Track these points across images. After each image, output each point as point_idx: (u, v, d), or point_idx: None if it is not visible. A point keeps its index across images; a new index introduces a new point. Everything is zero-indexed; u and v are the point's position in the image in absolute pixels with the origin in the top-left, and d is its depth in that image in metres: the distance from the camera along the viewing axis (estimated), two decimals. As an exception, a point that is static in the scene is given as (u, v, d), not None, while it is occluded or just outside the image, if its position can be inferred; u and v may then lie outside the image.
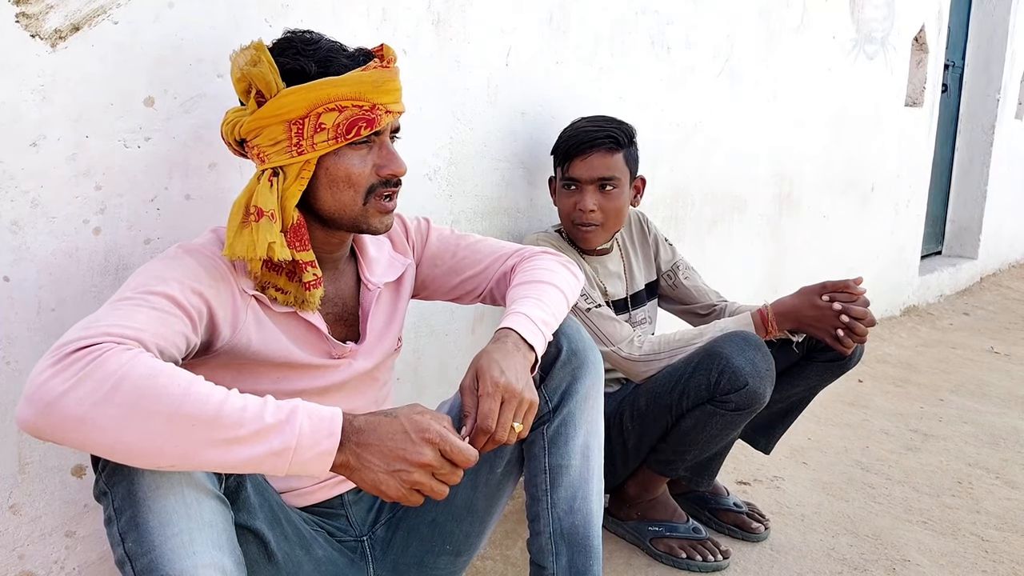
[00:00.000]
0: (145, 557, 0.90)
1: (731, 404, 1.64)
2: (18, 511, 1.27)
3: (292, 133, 1.10)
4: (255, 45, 1.10)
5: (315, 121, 1.09)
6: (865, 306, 1.71)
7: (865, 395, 3.08)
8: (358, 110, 1.10)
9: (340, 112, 1.10)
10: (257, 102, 1.11)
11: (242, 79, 1.11)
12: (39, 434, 0.86)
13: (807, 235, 3.47)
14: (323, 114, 1.09)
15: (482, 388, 1.07)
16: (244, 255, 1.10)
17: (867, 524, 2.03)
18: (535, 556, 1.30)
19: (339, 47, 1.14)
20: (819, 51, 3.29)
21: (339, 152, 1.13)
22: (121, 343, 0.89)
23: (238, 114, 1.15)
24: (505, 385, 1.07)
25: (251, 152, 1.16)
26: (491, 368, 1.08)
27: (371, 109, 1.11)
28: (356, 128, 1.11)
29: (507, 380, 1.08)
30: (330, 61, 1.11)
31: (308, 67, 1.10)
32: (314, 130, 1.10)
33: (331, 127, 1.10)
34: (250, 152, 1.16)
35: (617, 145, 1.82)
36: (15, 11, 1.15)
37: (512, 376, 1.09)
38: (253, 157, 1.16)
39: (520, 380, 1.10)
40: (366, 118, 1.11)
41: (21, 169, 1.19)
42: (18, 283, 1.21)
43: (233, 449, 0.87)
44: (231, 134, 1.16)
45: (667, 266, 2.06)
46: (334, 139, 1.10)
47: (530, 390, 1.11)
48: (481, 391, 1.07)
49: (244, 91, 1.12)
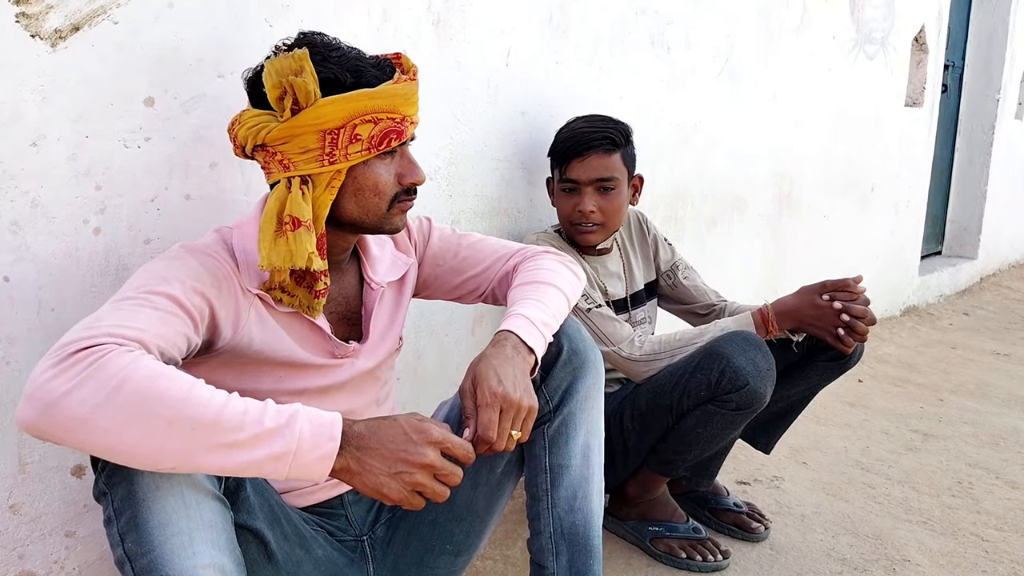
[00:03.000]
0: (145, 557, 0.90)
1: (732, 404, 1.64)
2: (18, 511, 1.27)
3: (325, 143, 1.09)
4: (298, 54, 1.06)
5: (351, 132, 1.09)
6: (865, 305, 1.71)
7: (865, 395, 3.08)
8: (391, 122, 1.12)
9: (375, 124, 1.10)
10: (292, 111, 1.08)
11: (278, 86, 1.07)
12: (39, 434, 0.86)
13: (807, 235, 3.47)
14: (359, 125, 1.09)
15: (480, 398, 1.07)
16: (282, 265, 1.09)
17: (867, 524, 2.03)
18: (535, 556, 1.30)
19: (360, 55, 1.14)
20: (819, 51, 3.29)
21: (368, 162, 1.14)
22: (123, 344, 0.89)
23: (263, 119, 1.10)
24: (503, 394, 1.07)
25: (270, 159, 1.12)
26: (488, 376, 1.08)
27: (401, 121, 1.13)
28: (388, 139, 1.12)
29: (504, 389, 1.07)
30: (360, 72, 1.11)
31: (344, 77, 1.09)
32: (349, 140, 1.10)
33: (366, 138, 1.10)
34: (268, 158, 1.12)
35: (614, 145, 1.81)
36: (15, 11, 1.15)
37: (510, 384, 1.08)
38: (272, 163, 1.12)
39: (518, 387, 1.09)
40: (396, 130, 1.13)
41: (21, 169, 1.19)
42: (18, 283, 1.21)
43: (233, 453, 0.87)
44: (253, 138, 1.11)
45: (666, 266, 2.06)
46: (367, 150, 1.11)
47: (529, 396, 1.11)
48: (479, 400, 1.07)
49: (278, 98, 1.08)
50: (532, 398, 1.11)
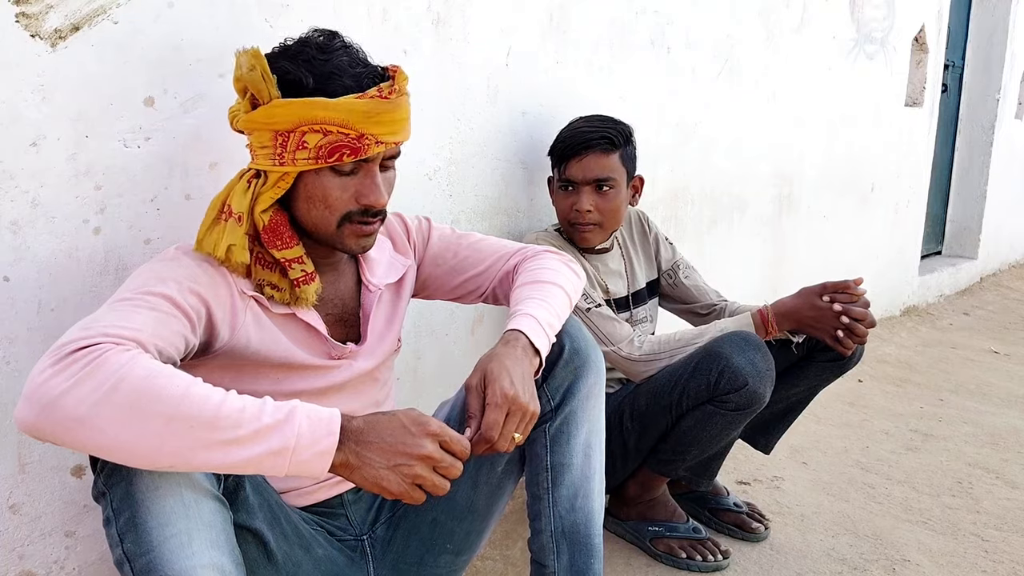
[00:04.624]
0: (144, 557, 0.90)
1: (731, 404, 1.64)
2: (18, 511, 1.27)
3: (277, 143, 1.09)
4: (252, 52, 1.08)
5: (299, 138, 1.08)
6: (865, 307, 1.71)
7: (865, 395, 3.08)
8: (343, 137, 1.08)
9: (324, 135, 1.07)
10: (251, 104, 1.11)
11: (239, 80, 1.10)
12: (38, 434, 0.86)
13: (807, 235, 3.47)
14: (307, 133, 1.07)
15: (490, 397, 1.07)
16: (209, 251, 1.11)
17: (867, 524, 2.02)
18: (536, 555, 1.30)
19: (350, 63, 1.10)
20: (819, 51, 3.29)
21: (320, 172, 1.12)
22: (120, 344, 0.90)
23: (240, 107, 1.14)
24: (513, 397, 1.07)
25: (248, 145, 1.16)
26: (501, 377, 1.08)
27: (358, 138, 1.09)
28: (339, 154, 1.09)
29: (515, 392, 1.08)
30: (331, 79, 1.08)
31: (305, 80, 1.08)
32: (296, 146, 1.09)
33: (313, 148, 1.08)
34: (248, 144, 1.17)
35: (613, 145, 1.81)
36: (15, 11, 1.15)
37: (520, 387, 1.09)
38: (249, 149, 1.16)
39: (527, 391, 1.10)
40: (351, 146, 1.09)
41: (21, 169, 1.19)
42: (18, 283, 1.21)
43: (232, 450, 0.87)
44: (231, 122, 1.16)
45: (667, 265, 2.06)
46: (314, 159, 1.09)
47: (534, 401, 1.11)
48: (489, 399, 1.07)
49: (241, 91, 1.12)
50: (536, 403, 1.12)
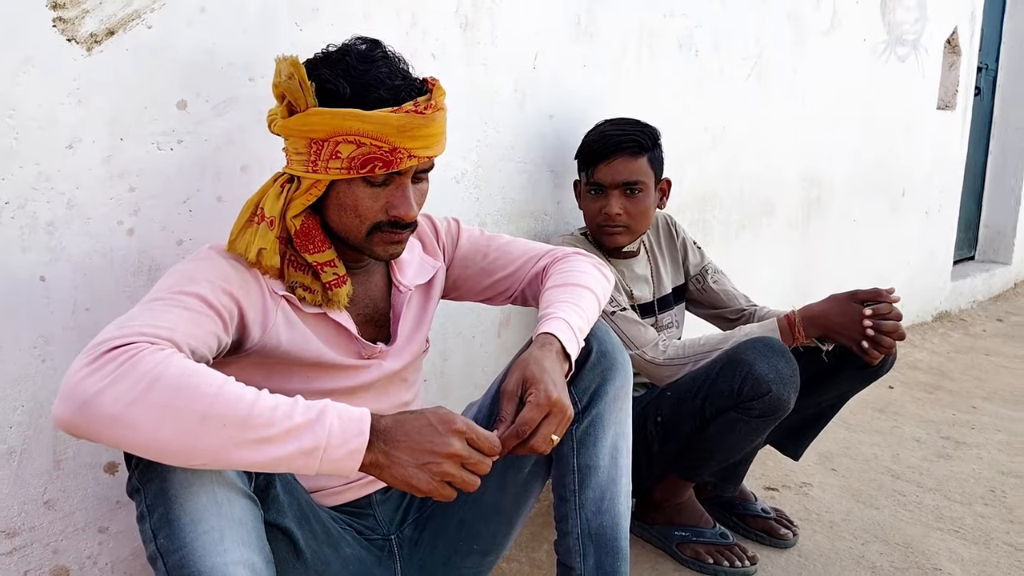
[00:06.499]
0: (176, 553, 0.91)
1: (755, 411, 1.62)
2: (52, 506, 1.29)
3: (312, 151, 1.11)
4: (291, 60, 1.09)
5: (333, 147, 1.09)
6: (897, 318, 1.68)
7: (896, 402, 3.04)
8: (376, 149, 1.09)
9: (358, 147, 1.08)
10: (288, 110, 1.12)
11: (276, 86, 1.12)
12: (75, 431, 0.87)
13: (837, 240, 3.43)
14: (341, 143, 1.08)
15: (534, 398, 1.07)
16: (240, 253, 1.13)
17: (897, 532, 2.00)
18: (562, 556, 1.29)
19: (389, 75, 1.11)
20: (849, 54, 3.25)
21: (352, 181, 1.13)
22: (154, 343, 0.91)
23: (278, 112, 1.15)
24: (556, 400, 1.08)
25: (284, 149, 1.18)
26: (544, 380, 1.09)
27: (391, 151, 1.09)
28: (371, 166, 1.10)
29: (559, 395, 1.08)
30: (368, 90, 1.09)
31: (342, 90, 1.09)
32: (330, 155, 1.10)
33: (346, 158, 1.09)
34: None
35: (641, 149, 1.81)
36: (52, 16, 1.18)
37: (562, 390, 1.10)
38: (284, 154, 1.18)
39: (565, 394, 1.11)
40: (384, 159, 1.10)
41: (57, 171, 1.21)
42: (54, 283, 1.23)
43: (264, 448, 0.88)
44: (269, 126, 1.17)
45: (695, 269, 2.05)
46: (347, 170, 1.10)
47: (569, 404, 1.12)
48: (532, 399, 1.07)
49: (279, 97, 1.13)
50: (571, 405, 1.12)
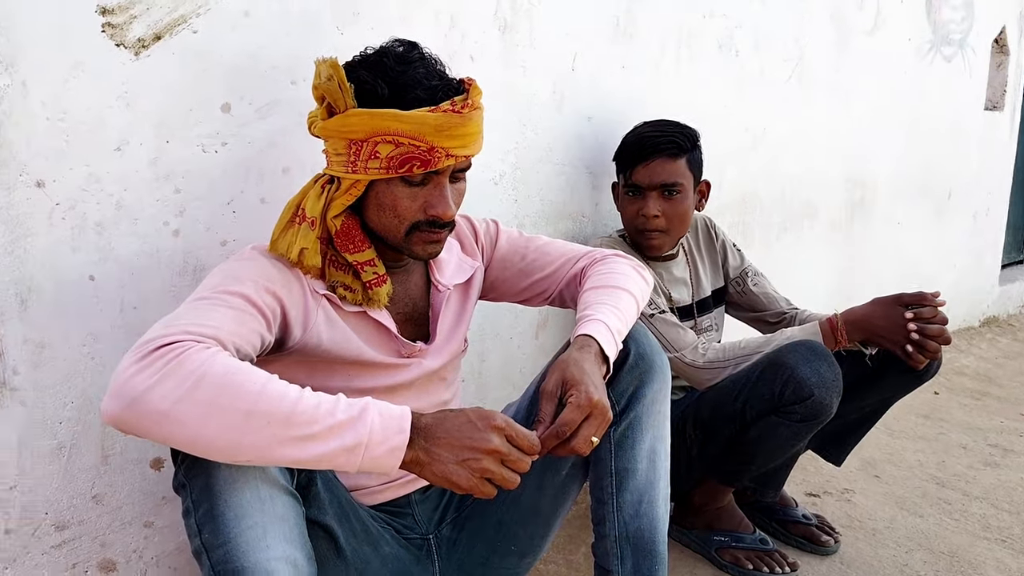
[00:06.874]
0: (220, 549, 0.93)
1: (796, 415, 1.60)
2: (100, 501, 1.32)
3: (351, 151, 1.12)
4: (331, 62, 1.11)
5: (372, 148, 1.10)
6: (943, 323, 1.64)
7: (941, 407, 2.98)
8: (414, 148, 1.10)
9: (396, 146, 1.10)
10: (328, 112, 1.13)
11: (316, 88, 1.13)
12: (123, 427, 0.89)
13: (881, 242, 3.37)
14: (380, 143, 1.10)
15: (575, 399, 1.07)
16: (282, 253, 1.14)
17: (943, 541, 1.96)
18: (600, 559, 1.29)
19: (426, 75, 1.12)
20: (893, 53, 3.20)
21: (391, 181, 1.14)
22: (200, 341, 0.93)
23: (317, 114, 1.17)
24: (598, 402, 1.08)
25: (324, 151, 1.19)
26: (585, 381, 1.09)
27: (429, 151, 1.11)
28: (409, 165, 1.11)
29: (600, 397, 1.08)
30: (405, 90, 1.10)
31: (381, 91, 1.10)
32: (369, 156, 1.11)
33: (385, 158, 1.10)
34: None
35: (680, 150, 1.80)
36: (101, 21, 1.21)
37: (602, 392, 1.10)
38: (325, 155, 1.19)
39: (605, 396, 1.11)
40: (421, 158, 1.11)
41: (106, 173, 1.24)
42: (103, 282, 1.26)
43: (307, 445, 0.89)
44: (309, 128, 1.20)
45: (735, 272, 2.03)
46: (386, 170, 1.11)
47: (609, 406, 1.11)
48: (573, 400, 1.07)
49: (319, 99, 1.14)
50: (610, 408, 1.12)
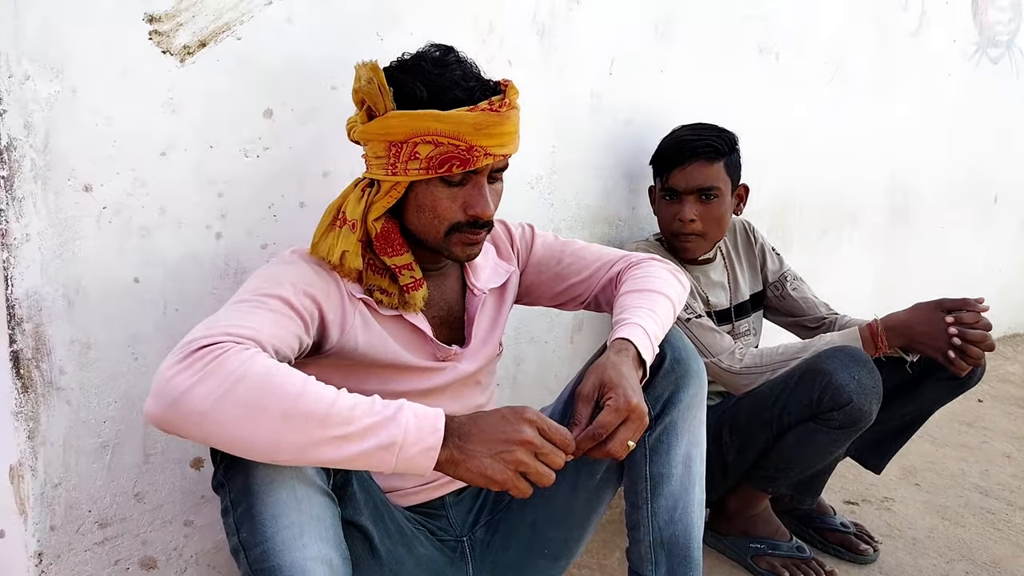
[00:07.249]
0: (258, 547, 0.94)
1: (835, 422, 1.58)
2: (142, 499, 1.35)
3: (391, 153, 1.14)
4: (371, 65, 1.13)
5: (411, 149, 1.12)
6: (986, 328, 1.61)
7: (985, 415, 2.92)
8: (454, 148, 1.11)
9: (436, 147, 1.11)
10: (368, 115, 1.15)
11: (356, 91, 1.15)
12: (165, 427, 0.91)
13: (923, 247, 3.32)
14: (419, 144, 1.11)
15: (613, 401, 1.07)
16: (323, 256, 1.16)
17: (985, 551, 1.92)
18: (634, 564, 1.28)
19: (463, 77, 1.14)
20: (938, 55, 3.15)
21: (430, 182, 1.16)
22: (240, 343, 0.94)
23: (357, 118, 1.19)
24: (636, 406, 1.08)
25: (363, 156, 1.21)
26: (623, 385, 1.09)
27: (468, 150, 1.12)
28: (448, 165, 1.12)
29: (637, 400, 1.08)
30: (444, 91, 1.12)
31: (420, 93, 1.12)
32: (409, 157, 1.12)
33: (424, 158, 1.12)
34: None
35: (717, 154, 1.79)
36: (148, 29, 1.23)
37: (640, 396, 1.10)
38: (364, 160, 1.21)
39: (642, 400, 1.11)
40: (461, 157, 1.12)
41: (152, 177, 1.27)
42: (146, 284, 1.29)
43: (344, 445, 0.90)
44: (349, 133, 1.22)
45: (774, 276, 2.01)
46: (425, 170, 1.13)
47: (646, 411, 1.11)
48: (611, 403, 1.07)
49: (358, 102, 1.16)
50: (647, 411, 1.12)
